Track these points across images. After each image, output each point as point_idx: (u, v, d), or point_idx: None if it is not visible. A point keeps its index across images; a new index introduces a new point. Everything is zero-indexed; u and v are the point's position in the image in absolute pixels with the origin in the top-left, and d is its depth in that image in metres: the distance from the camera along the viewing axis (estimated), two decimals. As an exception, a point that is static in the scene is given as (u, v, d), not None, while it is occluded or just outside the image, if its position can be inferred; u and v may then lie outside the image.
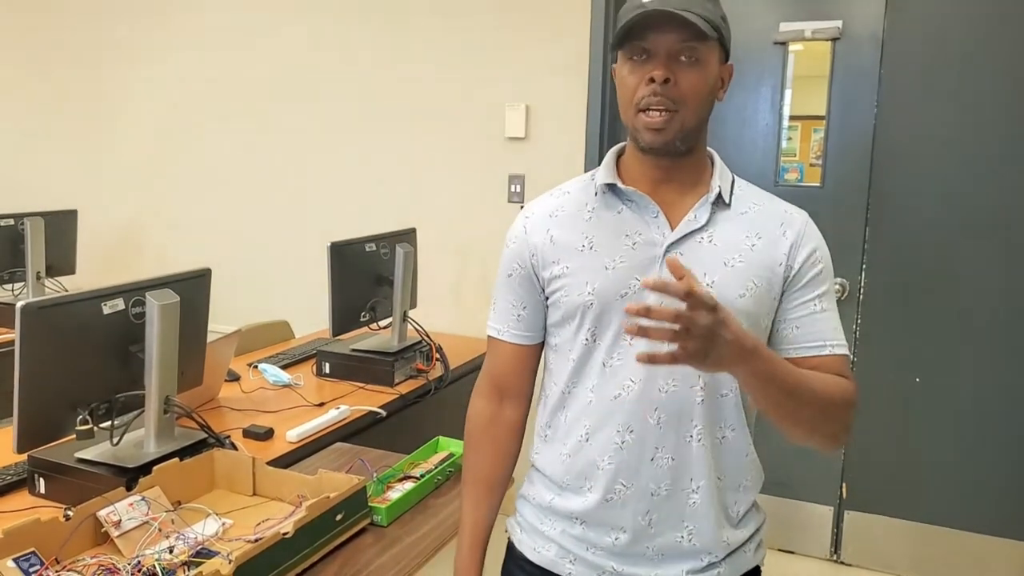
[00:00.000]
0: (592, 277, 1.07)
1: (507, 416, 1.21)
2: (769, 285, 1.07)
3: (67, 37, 3.94)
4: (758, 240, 1.08)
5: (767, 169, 2.82)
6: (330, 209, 3.44)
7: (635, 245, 1.07)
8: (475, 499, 1.21)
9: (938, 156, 2.62)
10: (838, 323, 1.10)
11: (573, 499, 1.12)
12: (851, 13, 2.66)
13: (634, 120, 1.05)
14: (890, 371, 2.75)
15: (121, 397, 1.62)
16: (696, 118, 1.05)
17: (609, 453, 1.08)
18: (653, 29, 1.01)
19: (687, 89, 1.02)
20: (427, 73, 3.18)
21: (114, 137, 3.91)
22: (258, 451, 1.80)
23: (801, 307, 1.08)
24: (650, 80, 1.01)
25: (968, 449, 2.68)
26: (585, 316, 1.08)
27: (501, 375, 1.20)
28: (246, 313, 3.18)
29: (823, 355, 1.07)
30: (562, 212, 1.13)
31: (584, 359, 1.09)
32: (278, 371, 2.34)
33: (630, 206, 1.10)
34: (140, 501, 1.36)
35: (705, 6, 1.02)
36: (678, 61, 1.02)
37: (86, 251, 3.53)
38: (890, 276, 2.72)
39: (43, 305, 1.47)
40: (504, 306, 1.18)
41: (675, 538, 1.08)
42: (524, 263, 1.15)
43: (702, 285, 0.89)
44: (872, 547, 2.85)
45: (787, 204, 1.14)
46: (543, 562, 1.15)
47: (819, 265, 1.09)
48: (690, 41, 1.01)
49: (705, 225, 1.07)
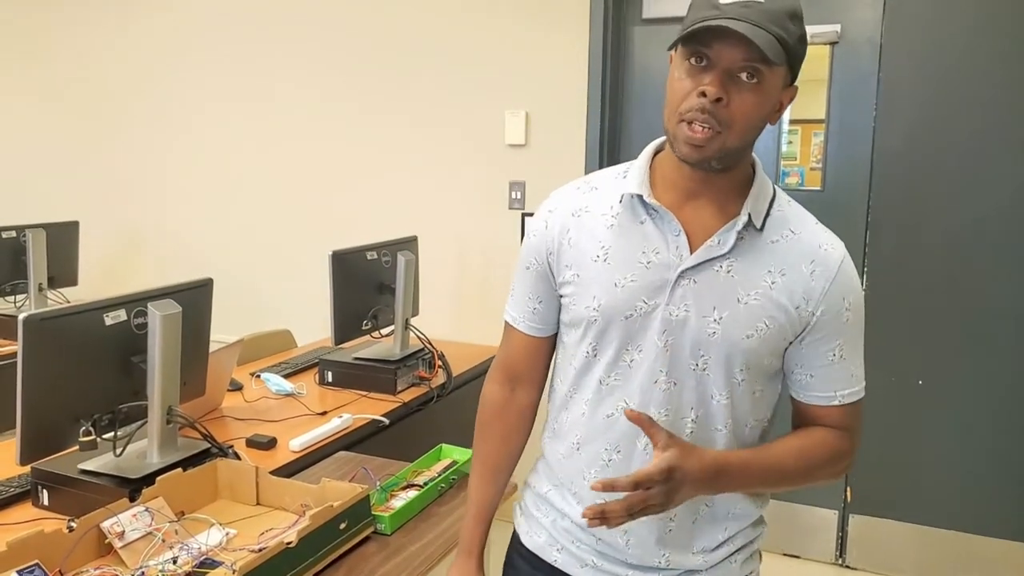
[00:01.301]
0: (600, 292, 1.04)
1: (519, 401, 1.21)
2: (781, 327, 1.01)
3: (68, 50, 3.96)
4: (780, 277, 1.01)
5: (768, 173, 2.82)
6: (331, 218, 3.44)
7: (649, 264, 1.02)
8: (483, 480, 1.23)
9: (938, 159, 2.62)
10: (859, 366, 1.07)
11: (563, 498, 1.14)
12: (849, 17, 2.66)
13: (675, 128, 0.98)
14: (893, 374, 2.75)
15: (124, 408, 1.62)
16: (741, 141, 0.97)
17: (596, 467, 1.08)
18: (720, 38, 0.92)
19: (738, 111, 0.94)
20: (427, 81, 3.19)
21: (115, 148, 3.92)
22: (261, 460, 1.80)
23: (819, 357, 1.04)
24: (701, 94, 0.94)
25: (972, 452, 2.68)
26: (588, 330, 1.06)
27: (514, 362, 1.20)
28: (248, 322, 3.18)
29: (831, 405, 1.06)
30: (586, 213, 1.09)
31: (583, 371, 1.09)
32: (280, 380, 2.34)
33: (654, 217, 1.04)
34: (143, 512, 1.36)
35: (785, 25, 0.93)
36: (737, 79, 0.94)
37: (88, 262, 3.54)
38: (891, 279, 2.72)
39: (45, 317, 1.47)
40: (521, 295, 1.17)
41: (652, 560, 1.09)
42: (541, 259, 1.12)
43: (661, 440, 0.93)
44: (877, 551, 2.84)
45: (826, 236, 1.05)
46: (534, 547, 1.18)
47: (846, 314, 1.03)
48: (755, 62, 0.92)
49: (728, 252, 1.01)
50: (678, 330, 1.01)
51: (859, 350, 1.07)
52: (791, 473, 1.04)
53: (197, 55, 3.66)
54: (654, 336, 1.02)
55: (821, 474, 1.07)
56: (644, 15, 2.90)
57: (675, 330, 1.01)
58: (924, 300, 2.69)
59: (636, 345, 1.03)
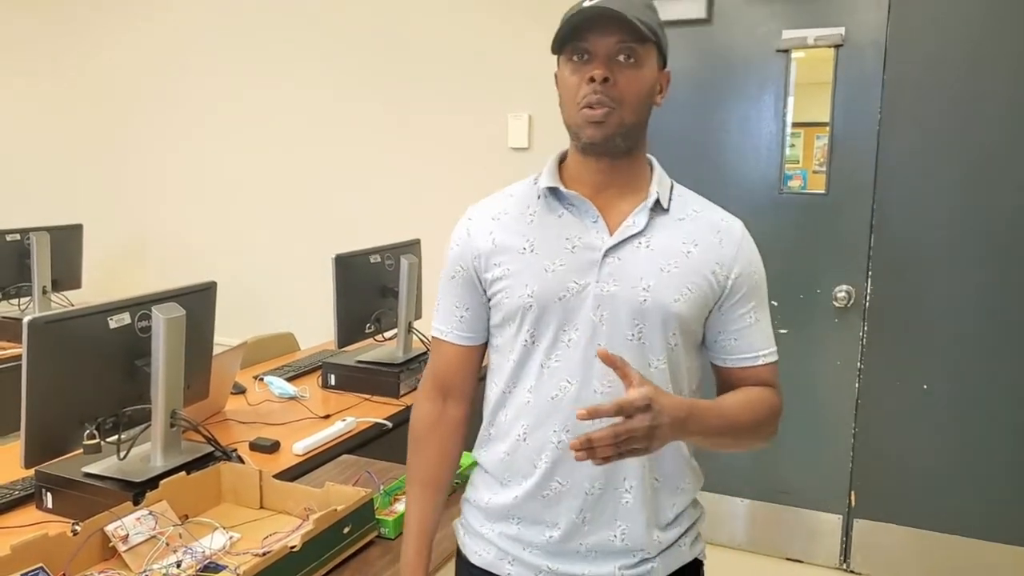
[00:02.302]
0: (532, 279, 1.10)
1: (451, 416, 1.23)
2: (703, 292, 1.10)
3: (73, 57, 3.96)
4: (694, 247, 1.11)
5: (771, 176, 2.82)
6: (334, 221, 3.44)
7: (575, 248, 1.10)
8: (420, 499, 1.23)
9: (943, 162, 2.62)
10: (770, 330, 1.17)
11: (510, 492, 1.14)
12: (854, 20, 2.66)
13: (577, 116, 1.08)
14: (897, 378, 2.74)
15: (128, 411, 1.62)
16: (635, 116, 1.08)
17: (546, 451, 1.10)
18: (593, 30, 1.04)
19: (626, 88, 1.06)
20: (430, 84, 3.20)
21: (119, 152, 3.92)
22: (264, 464, 1.80)
23: (738, 319, 1.13)
24: (590, 79, 1.05)
25: (977, 456, 2.67)
26: (524, 318, 1.10)
27: (444, 375, 1.22)
28: (251, 325, 3.19)
29: (756, 365, 1.15)
30: (505, 215, 1.16)
31: (523, 360, 1.12)
32: (284, 383, 2.34)
33: (571, 210, 1.12)
34: (147, 515, 1.36)
35: (644, 12, 1.06)
36: (617, 62, 1.05)
37: (91, 266, 3.54)
38: (896, 283, 2.71)
39: (50, 320, 1.48)
40: (447, 307, 1.20)
41: (607, 536, 1.10)
42: (467, 265, 1.17)
43: (635, 378, 0.95)
44: (881, 556, 2.83)
45: (723, 212, 1.17)
46: (484, 564, 1.18)
47: (755, 277, 1.14)
48: (628, 42, 1.05)
49: (643, 230, 1.10)
50: (611, 304, 1.07)
51: (768, 315, 1.17)
52: (744, 424, 1.10)
53: (201, 60, 3.67)
54: (589, 313, 1.08)
55: (764, 430, 1.14)
56: (648, 18, 2.90)
57: (608, 304, 1.07)
58: (929, 305, 2.68)
59: (572, 324, 1.08)
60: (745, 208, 2.88)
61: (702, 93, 2.86)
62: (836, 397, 2.83)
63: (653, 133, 1.16)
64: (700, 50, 2.85)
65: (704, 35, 2.85)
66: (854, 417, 2.81)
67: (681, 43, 2.87)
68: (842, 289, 2.76)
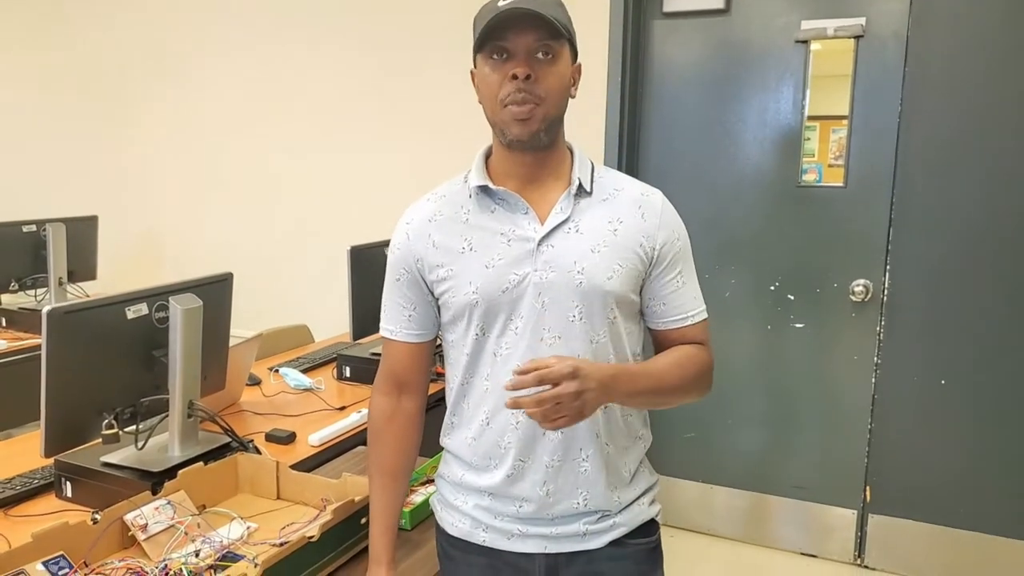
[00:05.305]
0: (474, 277, 1.16)
1: (406, 408, 1.30)
2: (633, 266, 1.17)
3: (88, 46, 3.98)
4: (620, 224, 1.18)
5: (788, 169, 2.80)
6: (349, 214, 3.44)
7: (510, 242, 1.16)
8: (382, 488, 1.29)
9: (963, 156, 2.58)
10: (697, 290, 1.25)
11: (482, 476, 1.22)
12: (874, 10, 2.63)
13: (501, 114, 1.14)
14: (914, 373, 2.72)
15: (145, 401, 1.62)
16: (557, 110, 1.15)
17: (508, 433, 1.18)
18: (512, 29, 1.10)
19: (547, 84, 1.12)
20: (444, 76, 3.18)
21: (134, 143, 3.94)
22: (280, 455, 1.80)
23: (667, 284, 1.21)
24: (513, 77, 1.10)
25: (993, 452, 2.64)
26: (473, 314, 1.17)
27: (397, 371, 1.29)
28: (266, 317, 3.19)
29: (686, 325, 1.23)
30: (441, 216, 1.22)
31: (477, 352, 1.19)
32: (299, 375, 2.34)
33: (502, 205, 1.18)
34: (166, 505, 1.37)
35: (557, 10, 1.13)
36: (536, 59, 1.11)
37: (107, 257, 3.56)
38: (914, 277, 2.69)
39: (69, 310, 1.48)
40: (394, 308, 1.27)
41: (572, 504, 1.19)
42: (410, 268, 1.23)
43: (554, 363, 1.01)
44: (896, 551, 2.81)
45: (643, 185, 1.24)
46: (460, 534, 1.26)
47: (678, 243, 1.22)
48: (546, 39, 1.11)
49: (570, 216, 1.17)
50: (551, 290, 1.15)
51: (695, 275, 1.25)
52: (673, 382, 1.18)
53: (216, 52, 3.67)
54: (531, 300, 1.15)
55: (695, 386, 1.22)
56: (664, 8, 2.87)
57: (548, 291, 1.15)
58: (947, 300, 2.65)
59: (518, 313, 1.16)
60: (762, 201, 2.87)
61: (719, 84, 2.83)
62: (852, 391, 2.81)
63: (672, 125, 1.16)
64: (718, 41, 2.83)
65: (722, 25, 2.82)
66: (870, 412, 2.79)
67: (699, 34, 2.85)
68: (859, 283, 2.74)
